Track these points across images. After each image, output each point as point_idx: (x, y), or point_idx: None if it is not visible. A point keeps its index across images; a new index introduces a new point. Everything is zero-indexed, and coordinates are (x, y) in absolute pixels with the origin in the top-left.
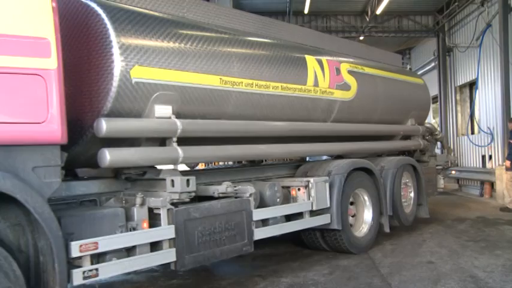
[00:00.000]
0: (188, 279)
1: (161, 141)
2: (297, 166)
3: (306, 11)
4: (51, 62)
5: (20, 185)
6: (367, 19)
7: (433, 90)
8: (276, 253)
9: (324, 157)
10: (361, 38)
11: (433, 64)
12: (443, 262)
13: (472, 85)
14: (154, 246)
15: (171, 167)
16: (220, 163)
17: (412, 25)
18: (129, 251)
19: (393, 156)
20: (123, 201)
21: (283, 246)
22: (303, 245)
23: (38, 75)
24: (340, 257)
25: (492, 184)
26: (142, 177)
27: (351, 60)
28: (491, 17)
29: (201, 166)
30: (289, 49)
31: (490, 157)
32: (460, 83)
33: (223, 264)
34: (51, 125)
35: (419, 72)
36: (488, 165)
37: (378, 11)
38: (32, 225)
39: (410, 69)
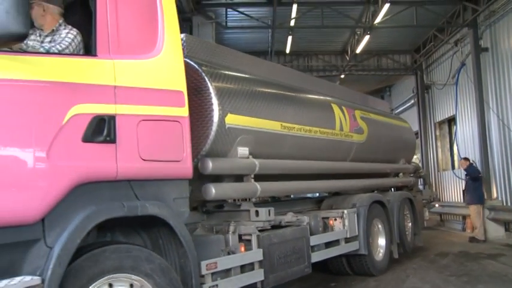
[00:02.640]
0: None
1: (236, 177)
2: (317, 201)
3: (287, 50)
4: (184, 110)
5: (172, 213)
6: (347, 58)
7: (414, 127)
8: None
9: (316, 194)
10: (342, 76)
11: (412, 101)
12: None
13: (451, 121)
14: (242, 267)
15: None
16: None
17: (391, 63)
18: (226, 272)
19: (385, 191)
20: (214, 230)
21: None
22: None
23: (177, 121)
24: None
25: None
26: (221, 209)
27: (361, 107)
28: (464, 56)
29: None
30: (322, 98)
31: None
32: (439, 119)
33: None
34: (186, 163)
35: (399, 109)
36: None
37: (358, 50)
38: (158, 248)
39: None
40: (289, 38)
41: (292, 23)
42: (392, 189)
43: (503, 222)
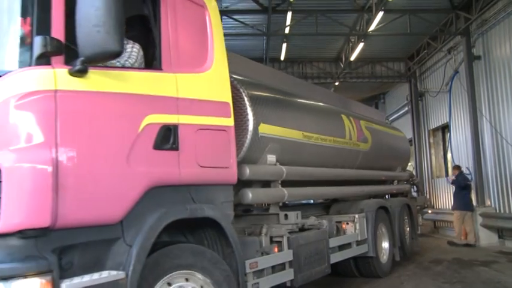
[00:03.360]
0: None
1: (264, 183)
2: (324, 207)
3: (282, 57)
4: (231, 120)
5: (223, 215)
6: (342, 65)
7: (408, 134)
8: None
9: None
10: (336, 83)
11: (406, 108)
12: None
13: (445, 128)
14: (273, 267)
15: None
16: None
17: (385, 71)
18: (261, 271)
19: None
20: (245, 233)
21: None
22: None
23: (225, 130)
24: None
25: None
26: (249, 213)
27: (365, 117)
28: (458, 64)
29: None
30: (333, 109)
31: None
32: (433, 127)
33: None
34: (232, 169)
35: (393, 116)
36: None
37: (352, 58)
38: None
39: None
40: (284, 45)
41: (286, 30)
42: (387, 195)
43: (496, 229)
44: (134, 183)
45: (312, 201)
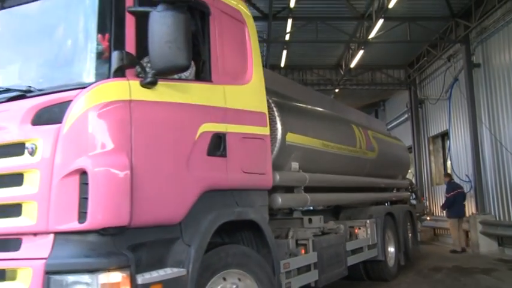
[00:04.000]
0: None
1: (286, 189)
2: (333, 213)
3: (282, 64)
4: (267, 129)
5: (262, 218)
6: (342, 72)
7: (407, 141)
8: None
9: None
10: (336, 90)
11: (406, 116)
12: None
13: (444, 136)
14: (299, 269)
15: None
16: None
17: (385, 78)
18: (288, 272)
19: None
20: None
21: None
22: None
23: (262, 139)
24: None
25: (467, 233)
26: (274, 217)
27: (372, 127)
28: (457, 71)
29: None
30: (346, 119)
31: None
32: (433, 134)
33: None
34: (268, 175)
35: (393, 124)
36: None
37: (352, 65)
38: None
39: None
40: (284, 52)
41: (287, 37)
42: (387, 203)
43: (496, 237)
44: (193, 187)
45: (311, 207)
